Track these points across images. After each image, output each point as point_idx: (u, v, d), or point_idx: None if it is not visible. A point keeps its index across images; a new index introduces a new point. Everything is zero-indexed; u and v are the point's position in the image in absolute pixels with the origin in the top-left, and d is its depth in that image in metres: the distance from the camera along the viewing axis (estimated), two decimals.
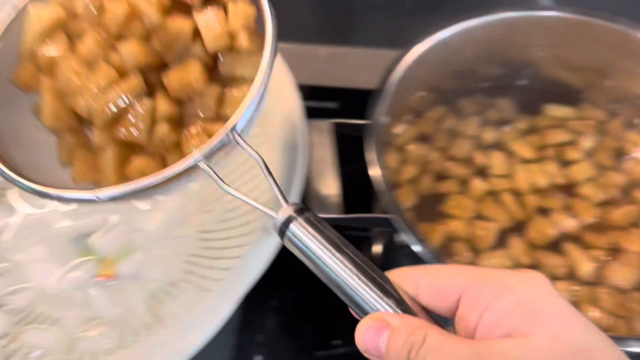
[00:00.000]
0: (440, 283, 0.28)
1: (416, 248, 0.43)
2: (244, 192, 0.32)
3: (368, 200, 0.53)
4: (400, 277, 0.29)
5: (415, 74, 0.55)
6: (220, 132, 0.34)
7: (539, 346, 0.24)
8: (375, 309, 0.28)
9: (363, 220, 0.47)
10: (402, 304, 0.28)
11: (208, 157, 0.34)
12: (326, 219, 0.47)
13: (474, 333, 0.26)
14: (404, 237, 0.44)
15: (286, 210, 0.30)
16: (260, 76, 0.35)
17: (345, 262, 0.29)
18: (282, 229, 0.30)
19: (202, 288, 0.50)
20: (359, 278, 0.28)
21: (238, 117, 0.34)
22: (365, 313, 0.28)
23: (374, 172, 0.47)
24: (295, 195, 0.48)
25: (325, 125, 0.53)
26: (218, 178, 0.33)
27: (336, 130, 0.53)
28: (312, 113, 0.55)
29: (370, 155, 0.48)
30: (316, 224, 0.30)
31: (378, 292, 0.28)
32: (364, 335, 0.27)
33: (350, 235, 0.62)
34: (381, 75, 0.53)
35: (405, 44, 0.55)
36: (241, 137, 0.34)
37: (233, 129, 0.34)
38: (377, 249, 0.58)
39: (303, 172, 0.49)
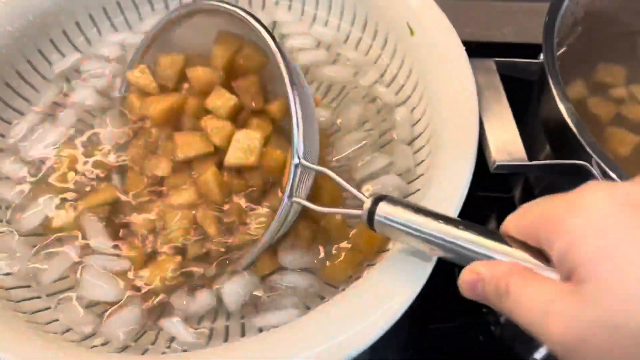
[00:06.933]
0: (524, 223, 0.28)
1: None
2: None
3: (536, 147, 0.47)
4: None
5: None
6: (288, 168, 0.37)
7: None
8: (475, 257, 0.29)
9: (553, 167, 0.39)
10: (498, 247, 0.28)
11: (292, 194, 0.37)
12: (510, 166, 0.40)
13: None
14: None
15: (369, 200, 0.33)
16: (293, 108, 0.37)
17: (436, 220, 0.31)
18: (371, 215, 0.33)
19: None
20: (457, 229, 0.30)
21: (298, 147, 0.36)
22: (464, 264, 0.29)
23: (564, 108, 0.39)
24: (474, 138, 0.41)
25: (490, 65, 0.47)
26: (310, 204, 0.36)
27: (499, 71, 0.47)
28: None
29: (557, 91, 0.40)
30: (397, 201, 0.33)
31: (475, 239, 0.29)
32: (462, 288, 0.29)
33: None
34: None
35: None
36: (306, 160, 0.37)
37: (298, 159, 0.36)
38: None
39: (475, 117, 0.42)
